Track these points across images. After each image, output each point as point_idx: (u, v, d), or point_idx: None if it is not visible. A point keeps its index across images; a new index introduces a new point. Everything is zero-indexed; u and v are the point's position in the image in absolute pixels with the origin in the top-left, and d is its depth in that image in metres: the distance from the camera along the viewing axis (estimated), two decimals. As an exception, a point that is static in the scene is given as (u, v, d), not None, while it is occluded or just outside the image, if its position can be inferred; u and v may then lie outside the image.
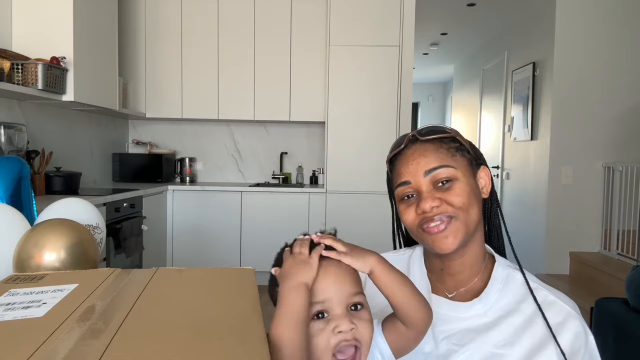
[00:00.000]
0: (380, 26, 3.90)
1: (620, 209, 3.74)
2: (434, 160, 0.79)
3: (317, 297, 0.60)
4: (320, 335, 0.59)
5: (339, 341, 0.59)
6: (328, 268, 0.61)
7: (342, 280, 0.61)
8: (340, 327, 0.59)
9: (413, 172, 0.80)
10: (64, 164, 3.28)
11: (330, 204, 3.95)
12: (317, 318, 0.60)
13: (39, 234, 0.92)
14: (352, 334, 0.59)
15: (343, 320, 0.59)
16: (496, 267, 0.83)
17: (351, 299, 0.61)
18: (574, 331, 0.76)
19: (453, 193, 0.78)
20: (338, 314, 0.60)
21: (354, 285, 0.62)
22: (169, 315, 0.54)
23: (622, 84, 3.99)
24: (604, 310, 1.97)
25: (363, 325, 0.60)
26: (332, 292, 0.60)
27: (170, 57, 4.14)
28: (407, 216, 0.81)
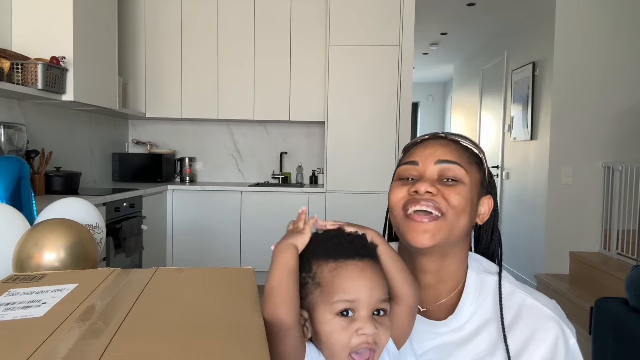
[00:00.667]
0: (380, 26, 3.90)
1: (620, 209, 3.74)
2: (451, 155, 0.76)
3: (348, 295, 0.60)
4: (343, 333, 0.59)
5: (360, 342, 0.59)
6: (365, 270, 0.61)
7: (374, 286, 0.61)
8: (364, 330, 0.59)
9: (425, 157, 0.77)
10: (64, 164, 3.28)
11: (330, 204, 3.95)
12: (342, 315, 0.60)
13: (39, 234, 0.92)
14: (374, 338, 0.59)
15: (368, 324, 0.59)
16: (469, 276, 0.79)
17: (378, 304, 0.61)
18: (554, 337, 0.73)
19: (454, 191, 0.74)
20: (364, 316, 0.60)
21: (383, 292, 0.62)
22: (169, 315, 0.54)
23: (622, 84, 3.99)
24: (604, 310, 1.97)
25: (383, 331, 0.61)
26: (364, 294, 0.60)
27: (170, 57, 4.14)
28: (396, 194, 0.77)
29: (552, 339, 0.72)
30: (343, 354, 0.59)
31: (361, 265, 0.61)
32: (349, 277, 0.60)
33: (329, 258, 0.62)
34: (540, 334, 0.73)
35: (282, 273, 0.60)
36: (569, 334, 0.73)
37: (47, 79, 2.67)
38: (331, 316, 0.60)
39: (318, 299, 0.61)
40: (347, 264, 0.61)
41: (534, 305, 0.76)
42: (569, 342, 0.73)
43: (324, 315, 0.60)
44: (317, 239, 0.64)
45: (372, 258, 0.63)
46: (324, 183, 4.13)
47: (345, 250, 0.62)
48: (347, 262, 0.61)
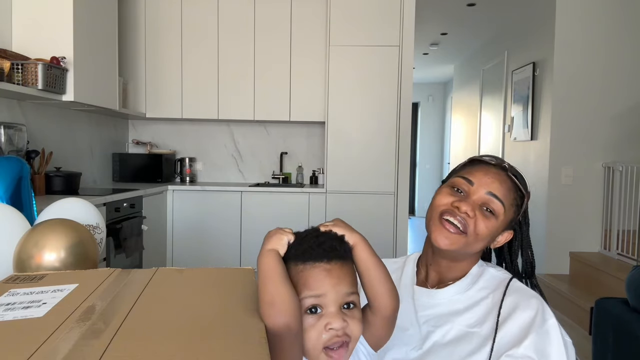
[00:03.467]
0: (381, 26, 3.90)
1: (620, 209, 3.74)
2: (502, 194, 0.88)
3: (313, 291, 0.63)
4: (312, 330, 0.62)
5: (330, 337, 0.62)
6: (332, 270, 0.64)
7: (340, 282, 0.64)
8: (332, 325, 0.62)
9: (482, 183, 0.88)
10: (64, 164, 3.28)
11: (330, 204, 3.94)
12: (309, 312, 0.63)
13: (39, 234, 0.92)
14: (343, 331, 0.62)
15: (336, 318, 0.62)
16: (473, 267, 0.92)
17: (345, 298, 0.64)
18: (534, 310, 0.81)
19: (486, 223, 0.86)
20: (331, 311, 0.62)
21: (350, 285, 0.65)
22: (169, 315, 0.54)
23: (622, 84, 3.99)
24: (604, 310, 1.97)
25: (354, 323, 0.63)
26: (328, 289, 0.63)
27: (170, 57, 4.14)
28: (442, 198, 0.89)
29: (532, 312, 0.81)
30: (316, 350, 0.62)
31: (327, 267, 0.64)
32: (314, 277, 0.63)
33: (298, 260, 0.65)
34: (523, 305, 0.82)
35: (276, 279, 0.60)
36: (549, 313, 0.81)
37: (47, 79, 2.67)
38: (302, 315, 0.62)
39: None
40: (313, 266, 0.64)
41: (522, 287, 0.88)
42: (547, 320, 0.80)
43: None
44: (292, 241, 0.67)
45: (341, 259, 0.65)
46: (324, 183, 4.12)
47: (313, 253, 0.65)
48: (314, 264, 0.64)
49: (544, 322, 0.80)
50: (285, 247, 0.66)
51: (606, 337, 1.92)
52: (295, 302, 0.60)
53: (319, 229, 0.70)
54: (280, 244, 0.65)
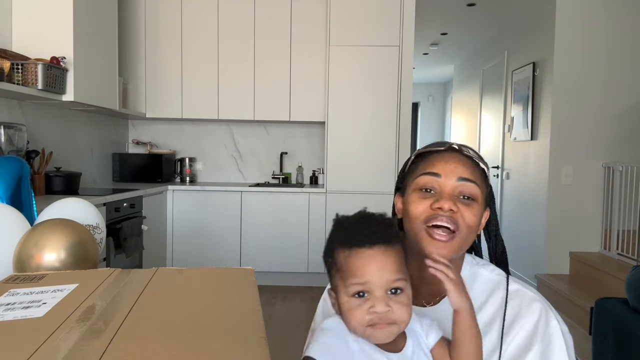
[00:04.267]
0: (380, 26, 3.90)
1: (620, 209, 3.74)
2: (471, 174, 0.83)
3: (358, 279, 0.65)
4: (357, 310, 0.65)
5: (372, 318, 0.65)
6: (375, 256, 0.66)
7: (383, 267, 0.65)
8: (375, 308, 0.64)
9: (448, 171, 0.82)
10: (64, 164, 3.28)
11: (330, 204, 3.95)
12: (357, 296, 0.66)
13: (39, 234, 0.92)
14: (386, 315, 0.64)
15: (379, 302, 0.64)
16: (464, 267, 0.87)
17: (391, 284, 0.66)
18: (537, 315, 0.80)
19: (471, 211, 0.81)
20: (376, 296, 0.65)
21: (396, 272, 0.66)
22: (169, 315, 0.54)
23: (622, 84, 3.99)
24: (604, 310, 1.97)
25: (399, 308, 0.65)
26: (373, 276, 0.65)
27: (170, 57, 4.14)
28: (418, 206, 0.82)
29: (534, 318, 0.79)
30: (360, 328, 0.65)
31: (371, 252, 0.66)
32: (359, 263, 0.66)
33: (344, 246, 0.67)
34: (525, 311, 0.80)
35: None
36: (551, 315, 0.80)
37: (47, 79, 2.67)
38: (347, 297, 0.66)
39: (338, 282, 0.68)
40: (357, 252, 0.66)
41: (520, 290, 0.84)
42: (549, 322, 0.79)
43: (342, 297, 0.67)
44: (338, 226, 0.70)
45: (384, 243, 0.67)
46: (324, 183, 4.12)
47: (356, 238, 0.67)
48: (357, 249, 0.66)
49: (547, 327, 0.79)
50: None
51: (606, 337, 1.92)
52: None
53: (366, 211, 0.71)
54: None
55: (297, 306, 3.62)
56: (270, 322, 3.23)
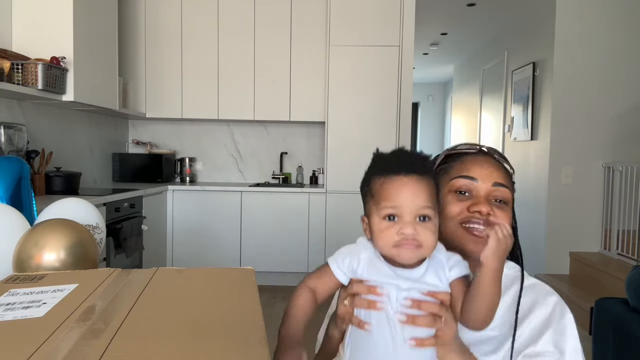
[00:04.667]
0: (380, 26, 3.90)
1: (620, 209, 3.74)
2: (504, 179, 0.87)
3: (390, 202, 0.70)
4: (386, 231, 0.70)
5: (400, 239, 0.69)
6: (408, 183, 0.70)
7: (415, 194, 0.70)
8: (403, 230, 0.69)
9: (484, 176, 0.86)
10: (64, 164, 3.28)
11: (330, 204, 3.94)
12: (388, 219, 0.70)
13: (39, 234, 0.92)
14: (413, 237, 0.69)
15: (408, 225, 0.69)
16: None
17: (421, 210, 0.70)
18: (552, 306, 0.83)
19: (504, 215, 0.85)
20: (406, 220, 0.70)
21: (426, 200, 0.70)
22: (169, 315, 0.54)
23: (622, 84, 3.99)
24: (604, 310, 1.97)
25: (425, 233, 0.69)
26: (405, 201, 0.70)
27: (170, 57, 4.14)
28: (455, 208, 0.86)
29: (549, 309, 0.83)
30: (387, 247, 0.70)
31: (405, 179, 0.71)
32: (392, 188, 0.71)
33: (381, 174, 0.73)
34: (540, 302, 0.84)
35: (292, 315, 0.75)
36: (566, 308, 0.83)
37: (47, 79, 2.67)
38: (379, 219, 0.71)
39: (372, 207, 0.73)
40: (392, 179, 0.71)
41: (537, 283, 0.89)
42: (564, 314, 0.82)
43: (374, 219, 0.72)
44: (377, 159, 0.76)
45: (418, 173, 0.71)
46: (324, 183, 4.12)
47: (393, 166, 0.72)
48: (393, 177, 0.71)
49: (562, 318, 0.82)
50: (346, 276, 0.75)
51: (606, 337, 1.92)
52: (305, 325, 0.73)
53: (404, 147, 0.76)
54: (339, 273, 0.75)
55: (297, 306, 3.62)
56: (270, 322, 3.21)
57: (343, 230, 3.74)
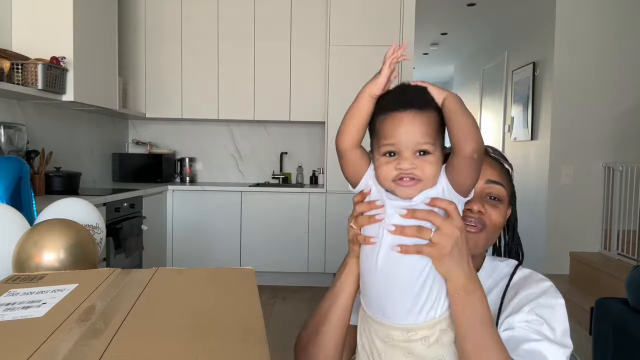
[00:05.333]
0: (380, 26, 3.90)
1: (620, 209, 3.74)
2: (498, 176, 0.88)
3: (389, 139, 0.72)
4: (385, 166, 0.73)
5: (398, 174, 0.71)
6: (404, 119, 0.71)
7: (411, 130, 0.71)
8: (401, 165, 0.71)
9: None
10: (64, 164, 3.28)
11: (330, 204, 3.94)
12: (387, 155, 0.73)
13: (39, 234, 0.91)
14: (410, 172, 0.70)
15: (406, 160, 0.70)
16: (485, 261, 0.94)
17: (418, 145, 0.71)
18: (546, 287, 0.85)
19: (498, 213, 0.87)
20: (404, 155, 0.71)
21: (424, 135, 0.71)
22: (169, 315, 0.54)
23: (622, 84, 3.99)
24: (604, 310, 1.97)
25: (424, 166, 0.71)
26: (401, 138, 0.71)
27: (170, 57, 4.13)
28: None
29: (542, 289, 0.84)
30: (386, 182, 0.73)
31: (401, 115, 0.72)
32: (390, 125, 0.72)
33: (380, 112, 0.75)
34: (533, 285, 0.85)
35: (349, 114, 0.78)
36: (558, 293, 0.85)
37: (47, 79, 2.67)
38: (379, 156, 0.74)
39: (374, 144, 0.76)
40: (390, 115, 0.73)
41: (533, 272, 0.91)
42: (557, 297, 0.83)
43: (376, 156, 0.75)
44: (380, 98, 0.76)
45: (416, 108, 0.72)
46: (324, 183, 4.12)
47: (391, 103, 0.73)
48: (391, 113, 0.73)
49: (553, 299, 0.82)
50: (381, 88, 0.75)
51: (606, 337, 1.92)
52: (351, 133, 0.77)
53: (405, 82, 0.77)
54: (375, 87, 0.76)
55: (297, 306, 3.62)
56: (270, 322, 3.23)
57: (343, 230, 3.71)
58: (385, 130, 0.73)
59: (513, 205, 0.95)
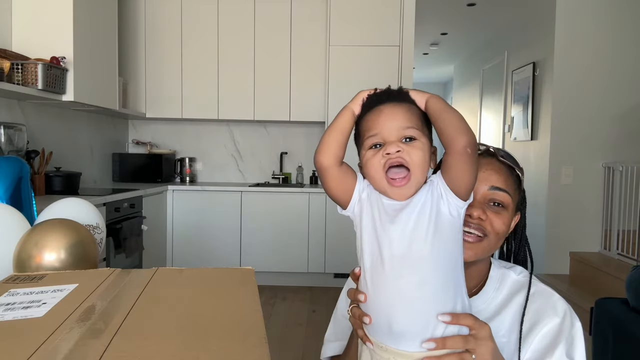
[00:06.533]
0: (380, 26, 3.90)
1: (620, 209, 3.74)
2: (504, 182, 0.84)
3: (372, 131, 0.72)
4: (374, 158, 0.71)
5: (386, 160, 0.70)
6: (382, 108, 0.72)
7: (392, 117, 0.71)
8: (387, 150, 0.70)
9: (481, 179, 0.83)
10: (64, 164, 3.28)
11: (330, 204, 3.94)
12: (373, 148, 0.72)
13: (39, 234, 0.91)
14: (398, 156, 0.69)
15: (391, 145, 0.70)
16: (492, 268, 0.90)
17: (402, 132, 0.70)
18: (562, 314, 0.82)
19: (500, 219, 0.83)
20: (389, 141, 0.70)
21: (406, 121, 0.71)
22: (169, 315, 0.54)
23: (622, 84, 3.99)
24: (604, 310, 1.97)
25: (411, 151, 0.69)
26: (383, 126, 0.71)
27: (170, 57, 4.14)
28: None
29: (560, 317, 0.81)
30: (378, 175, 0.71)
31: (381, 107, 0.72)
32: (371, 118, 0.73)
33: (363, 114, 0.75)
34: (550, 311, 0.82)
35: (330, 129, 0.75)
36: (575, 317, 0.82)
37: (47, 79, 2.67)
38: (365, 151, 0.73)
39: (359, 145, 0.76)
40: (371, 111, 0.73)
41: (546, 290, 0.86)
42: (574, 323, 0.81)
43: (362, 153, 0.74)
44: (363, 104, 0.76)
45: (393, 100, 0.73)
46: (324, 183, 4.12)
47: (370, 102, 0.74)
48: (371, 110, 0.73)
49: (572, 328, 0.80)
50: (359, 106, 0.75)
51: (606, 337, 1.92)
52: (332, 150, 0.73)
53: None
54: (355, 103, 0.75)
55: (297, 306, 3.62)
56: (270, 322, 3.23)
57: (343, 230, 3.73)
58: (367, 124, 0.73)
59: (523, 212, 0.92)
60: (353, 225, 0.76)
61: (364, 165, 0.73)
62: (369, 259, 0.71)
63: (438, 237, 0.68)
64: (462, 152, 0.67)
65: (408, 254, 0.68)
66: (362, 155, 0.74)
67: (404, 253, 0.68)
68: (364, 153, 0.73)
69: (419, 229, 0.68)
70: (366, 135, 0.73)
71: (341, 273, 3.95)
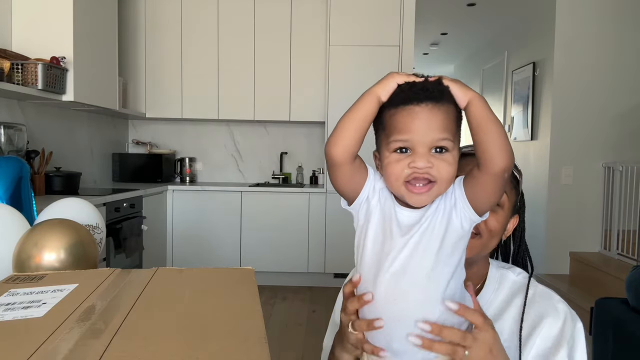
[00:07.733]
0: (380, 26, 3.90)
1: (620, 209, 3.74)
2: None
3: (401, 135, 0.64)
4: (396, 165, 0.65)
5: (410, 173, 0.63)
6: (420, 112, 0.63)
7: (428, 124, 0.63)
8: (415, 163, 0.63)
9: None
10: (64, 164, 3.28)
11: (330, 204, 3.94)
12: (398, 152, 0.65)
13: (39, 234, 0.91)
14: (426, 171, 0.63)
15: (420, 158, 0.63)
16: (490, 270, 0.89)
17: (436, 142, 0.63)
18: (563, 317, 0.81)
19: (494, 218, 0.82)
20: (419, 152, 0.63)
21: (442, 131, 0.63)
22: (169, 315, 0.54)
23: (622, 84, 3.99)
24: (604, 310, 1.97)
25: (441, 165, 0.63)
26: (416, 133, 0.63)
27: (170, 57, 4.13)
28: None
29: (562, 319, 0.81)
30: (397, 183, 0.65)
31: (417, 108, 0.63)
32: (403, 119, 0.64)
33: (391, 105, 0.65)
34: (551, 313, 0.81)
35: (349, 117, 0.67)
36: (576, 317, 0.82)
37: (47, 79, 2.67)
38: (389, 153, 0.65)
39: (382, 140, 0.67)
40: (403, 108, 0.64)
41: (546, 291, 0.86)
42: (576, 324, 0.81)
43: (384, 153, 0.67)
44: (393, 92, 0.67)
45: (432, 100, 0.63)
46: (324, 183, 4.12)
47: (404, 96, 0.64)
48: (404, 107, 0.64)
49: (574, 329, 0.80)
50: (389, 93, 0.65)
51: (606, 337, 1.92)
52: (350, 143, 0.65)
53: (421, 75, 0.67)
54: (384, 89, 0.66)
55: (297, 306, 3.62)
56: (270, 322, 3.23)
57: (343, 230, 3.73)
58: (397, 123, 0.64)
59: (522, 215, 0.91)
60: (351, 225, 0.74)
61: (384, 166, 0.67)
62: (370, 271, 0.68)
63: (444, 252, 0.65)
64: (499, 175, 0.63)
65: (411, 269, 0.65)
66: (384, 154, 0.67)
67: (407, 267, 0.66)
68: (386, 154, 0.66)
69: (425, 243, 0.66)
70: (394, 137, 0.65)
71: (341, 273, 3.95)
